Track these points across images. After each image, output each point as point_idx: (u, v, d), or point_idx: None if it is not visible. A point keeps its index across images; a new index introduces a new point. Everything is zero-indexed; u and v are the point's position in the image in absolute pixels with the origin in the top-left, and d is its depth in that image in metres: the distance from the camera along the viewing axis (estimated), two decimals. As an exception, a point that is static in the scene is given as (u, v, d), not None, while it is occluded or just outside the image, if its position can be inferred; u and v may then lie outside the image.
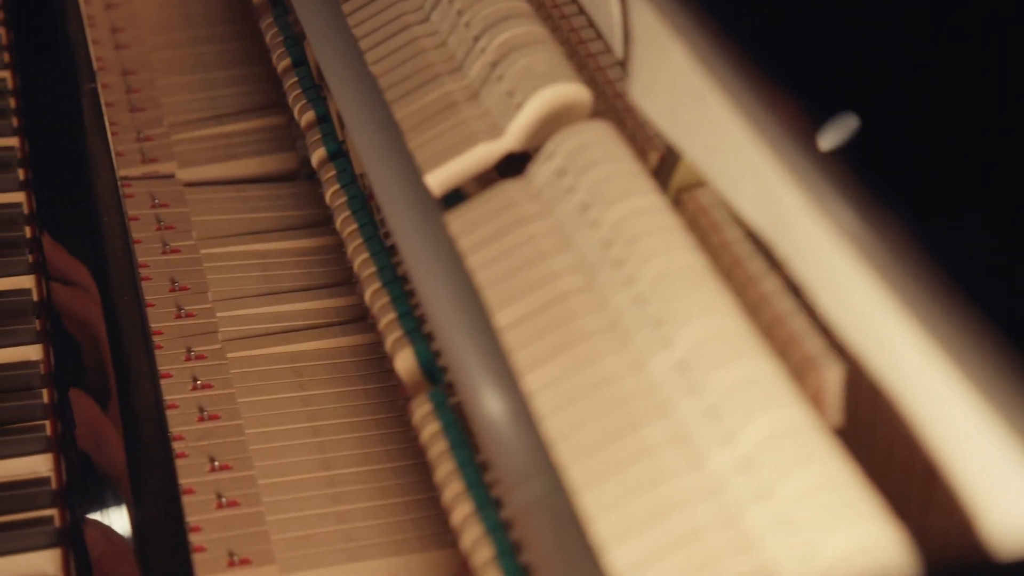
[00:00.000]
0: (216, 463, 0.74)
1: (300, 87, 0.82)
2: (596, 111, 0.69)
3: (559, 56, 0.69)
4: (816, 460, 0.50)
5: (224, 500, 0.72)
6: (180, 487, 0.70)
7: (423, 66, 0.72)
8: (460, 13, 0.72)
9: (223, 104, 0.97)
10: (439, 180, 0.68)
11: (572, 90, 0.67)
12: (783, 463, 0.50)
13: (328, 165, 0.79)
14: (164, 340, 0.80)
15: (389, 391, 0.79)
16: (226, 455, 0.74)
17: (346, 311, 0.84)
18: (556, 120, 0.67)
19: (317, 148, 0.79)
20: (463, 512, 0.61)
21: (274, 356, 0.81)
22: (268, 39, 0.86)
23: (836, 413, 0.56)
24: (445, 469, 0.63)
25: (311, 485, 0.74)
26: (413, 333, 0.69)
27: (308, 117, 0.81)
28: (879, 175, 0.51)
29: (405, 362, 0.68)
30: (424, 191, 0.67)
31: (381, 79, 0.72)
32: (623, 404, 0.55)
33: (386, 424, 0.78)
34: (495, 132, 0.67)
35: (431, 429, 0.64)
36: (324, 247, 0.89)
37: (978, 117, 0.52)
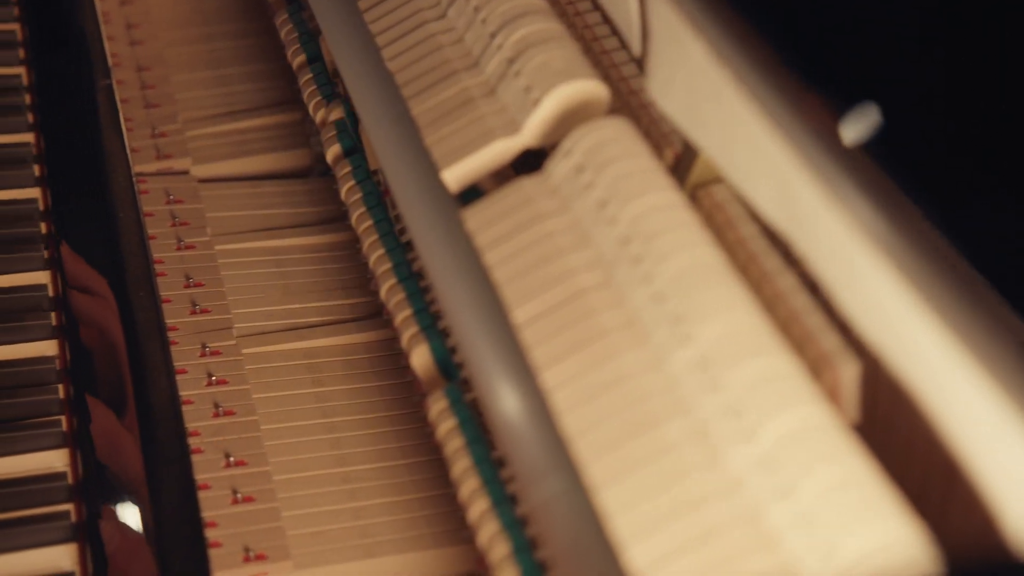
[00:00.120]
0: (231, 459, 0.74)
1: (315, 83, 0.83)
2: (611, 108, 0.69)
3: (576, 53, 0.69)
4: (836, 458, 0.50)
5: (239, 496, 0.72)
6: (196, 483, 0.70)
7: (440, 62, 0.72)
8: (477, 9, 0.72)
9: (237, 100, 0.97)
10: (456, 176, 0.68)
11: (589, 87, 0.67)
12: (803, 461, 0.50)
13: (343, 161, 0.79)
14: (179, 336, 0.80)
15: (404, 387, 0.79)
16: (241, 451, 0.74)
17: (360, 307, 0.84)
18: (573, 117, 0.67)
19: (332, 144, 0.79)
20: (480, 508, 0.61)
21: (289, 352, 0.81)
22: (283, 35, 0.86)
23: (853, 410, 0.56)
24: (461, 465, 0.63)
25: (326, 481, 0.74)
26: (429, 329, 0.69)
27: (323, 113, 0.81)
28: (900, 169, 0.51)
29: (421, 358, 0.68)
30: (441, 187, 0.67)
31: (398, 75, 0.72)
32: (641, 401, 0.55)
33: (401, 420, 0.78)
34: (512, 128, 0.67)
35: (447, 425, 0.64)
36: (338, 243, 0.89)
37: (1002, 111, 0.52)
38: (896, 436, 0.55)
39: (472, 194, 0.70)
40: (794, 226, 0.56)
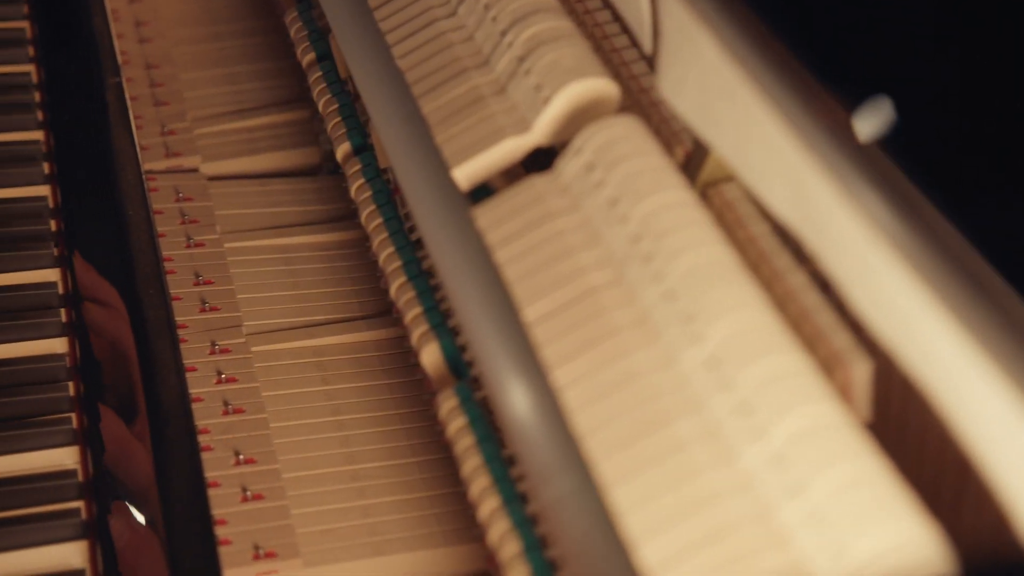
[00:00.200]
0: (241, 456, 0.74)
1: (325, 81, 0.83)
2: (621, 106, 0.69)
3: (587, 51, 0.69)
4: (848, 456, 0.50)
5: (249, 493, 0.72)
6: (206, 480, 0.70)
7: (450, 60, 0.72)
8: (487, 8, 0.72)
9: (246, 98, 0.97)
10: (466, 174, 0.68)
11: (600, 85, 0.67)
12: (815, 459, 0.50)
13: (353, 159, 0.79)
14: (189, 334, 0.80)
15: (413, 385, 0.80)
16: (251, 449, 0.74)
17: (369, 305, 0.84)
18: (584, 115, 0.67)
19: (342, 142, 0.79)
20: (490, 507, 0.61)
21: (298, 350, 0.81)
22: (292, 33, 0.86)
23: (864, 409, 0.56)
24: (471, 464, 0.63)
25: (335, 479, 0.74)
26: (438, 327, 0.69)
27: (333, 111, 0.81)
28: (915, 166, 0.50)
29: (431, 357, 0.68)
30: (451, 185, 0.67)
31: (408, 74, 0.72)
32: (653, 399, 0.55)
33: (410, 418, 0.78)
34: (523, 126, 0.67)
35: (457, 424, 0.64)
36: (347, 242, 0.89)
37: (1019, 107, 0.51)
38: (908, 434, 0.55)
39: (482, 192, 0.70)
40: (807, 224, 0.55)
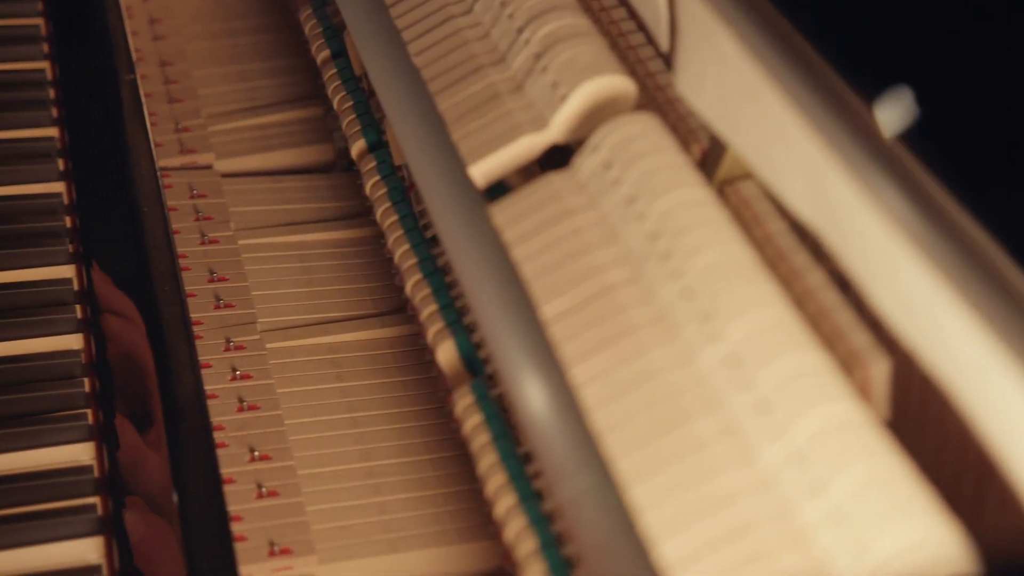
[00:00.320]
0: (256, 453, 0.74)
1: (339, 78, 0.83)
2: (637, 104, 0.68)
3: (603, 48, 0.69)
4: (869, 455, 0.50)
5: (264, 490, 0.72)
6: (221, 477, 0.70)
7: (466, 58, 0.72)
8: (503, 5, 0.72)
9: (260, 95, 0.97)
10: (483, 172, 0.68)
11: (617, 82, 0.67)
12: (835, 458, 0.50)
13: (368, 156, 0.79)
14: (203, 330, 0.80)
15: (427, 383, 0.80)
16: (266, 445, 0.75)
17: (383, 302, 0.84)
18: (600, 112, 0.67)
19: (357, 139, 0.79)
20: (506, 504, 0.61)
21: (312, 347, 0.81)
22: (307, 30, 0.86)
23: (884, 407, 0.55)
24: (488, 461, 0.63)
25: (350, 476, 0.74)
26: (454, 325, 0.69)
27: (348, 108, 0.81)
28: (937, 162, 0.50)
29: (446, 354, 0.68)
30: (468, 183, 0.67)
31: (424, 71, 0.72)
32: (672, 397, 0.55)
33: (424, 416, 0.78)
34: (539, 124, 0.67)
35: (473, 421, 0.64)
36: (361, 239, 0.89)
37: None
38: (927, 433, 0.55)
39: (498, 190, 0.70)
40: (826, 221, 0.55)
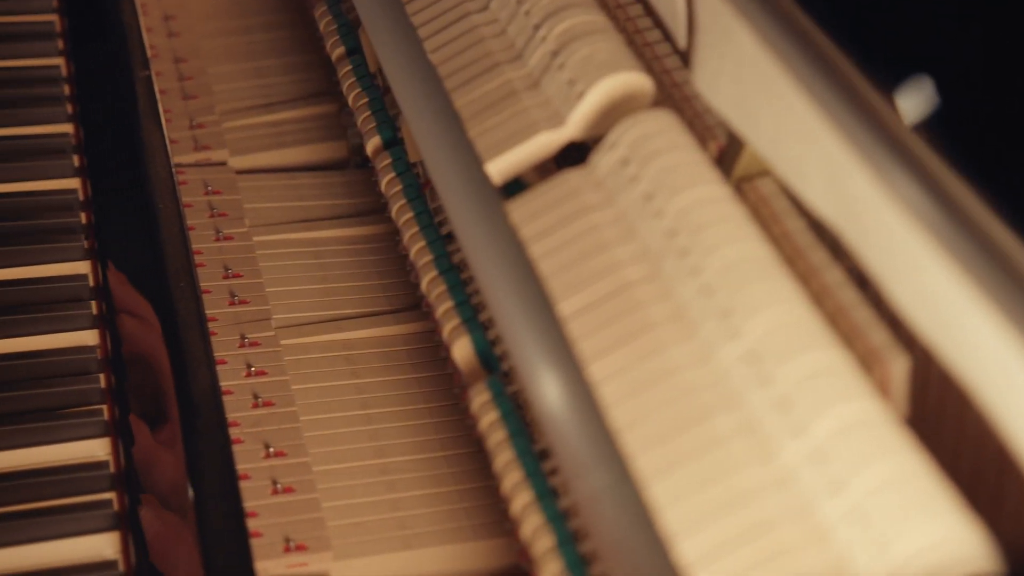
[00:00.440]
0: (271, 449, 0.74)
1: (354, 75, 0.83)
2: (654, 101, 0.68)
3: (620, 45, 0.69)
4: (889, 453, 0.50)
5: (279, 486, 0.72)
6: (237, 472, 0.71)
7: (483, 55, 0.72)
8: (520, 2, 0.72)
9: (274, 92, 0.97)
10: (500, 169, 0.68)
11: (634, 79, 0.67)
12: (855, 456, 0.50)
13: (383, 153, 0.79)
14: (218, 327, 0.80)
15: (442, 379, 0.80)
16: (281, 441, 0.75)
17: (397, 299, 0.84)
18: (617, 109, 0.67)
19: (372, 136, 0.79)
20: (523, 501, 0.61)
21: (327, 344, 0.81)
22: (322, 27, 0.86)
23: (902, 405, 0.55)
24: (504, 458, 0.63)
25: (365, 472, 0.74)
26: (470, 322, 0.69)
27: (363, 105, 0.81)
28: (959, 158, 0.50)
29: (462, 350, 0.68)
30: (485, 180, 0.67)
31: (440, 68, 0.72)
32: (690, 394, 0.55)
33: (439, 412, 0.78)
34: (556, 121, 0.67)
35: (490, 418, 0.64)
36: (375, 235, 0.89)
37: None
38: (944, 431, 0.55)
39: (514, 187, 0.70)
40: (846, 218, 0.55)
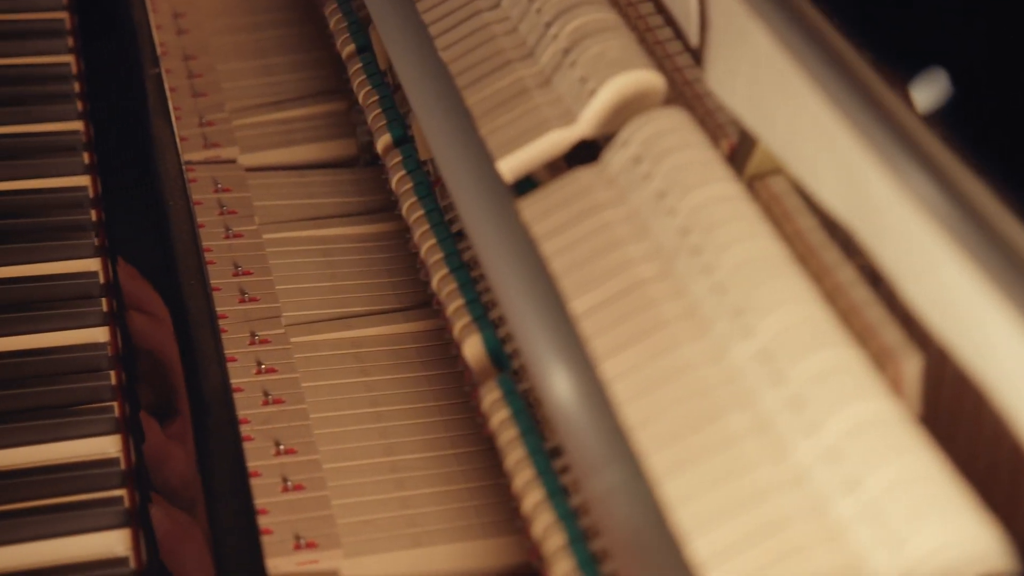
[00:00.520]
0: (281, 447, 0.74)
1: (365, 73, 0.83)
2: (665, 99, 0.68)
3: (632, 42, 0.69)
4: (904, 452, 0.50)
5: (290, 484, 0.72)
6: (247, 470, 0.71)
7: (494, 52, 0.72)
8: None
9: (283, 90, 0.97)
10: (511, 167, 0.68)
11: (646, 77, 0.67)
12: (870, 454, 0.50)
13: (393, 151, 0.79)
14: (228, 324, 0.80)
15: (451, 377, 0.80)
16: (291, 439, 0.75)
17: (407, 297, 0.84)
18: (629, 107, 0.67)
19: (382, 134, 0.79)
20: (534, 499, 0.61)
21: (336, 341, 0.81)
22: (332, 24, 0.86)
23: (916, 404, 0.55)
24: (515, 456, 0.63)
25: (375, 470, 0.74)
26: (480, 320, 0.69)
27: (373, 103, 0.81)
28: (975, 156, 0.50)
29: (473, 348, 0.68)
30: (496, 178, 0.67)
31: (451, 65, 0.72)
32: (703, 393, 0.55)
33: (448, 410, 0.78)
34: (568, 119, 0.67)
35: (501, 416, 0.64)
36: (384, 233, 0.89)
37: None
38: (958, 430, 0.55)
39: (525, 185, 0.69)
40: (860, 217, 0.55)
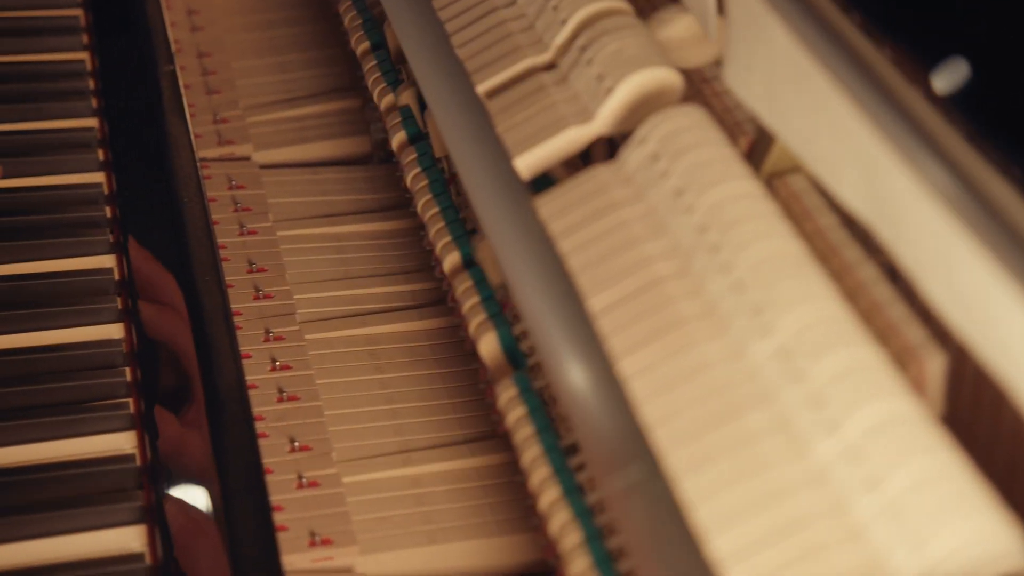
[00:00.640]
0: (296, 443, 0.74)
1: (379, 70, 0.83)
2: (683, 96, 0.68)
3: (649, 40, 0.69)
4: (925, 451, 0.50)
5: (305, 480, 0.72)
6: (262, 467, 0.71)
7: (510, 49, 0.72)
8: (548, -4, 0.72)
9: (297, 87, 0.98)
10: (528, 164, 0.67)
11: (663, 74, 0.67)
12: (891, 453, 0.50)
13: (408, 148, 0.79)
14: (243, 321, 0.80)
15: (465, 375, 0.80)
16: (306, 436, 0.75)
17: (421, 294, 0.85)
18: (646, 105, 0.67)
19: (397, 131, 0.79)
20: (551, 496, 0.61)
21: (351, 338, 0.81)
22: (346, 22, 0.86)
23: (938, 403, 0.55)
24: (532, 453, 0.63)
25: (390, 467, 0.74)
26: (496, 317, 0.69)
27: (387, 100, 0.81)
28: (998, 153, 0.49)
29: (489, 346, 0.68)
30: (513, 175, 0.67)
31: (467, 62, 0.72)
32: (722, 391, 0.54)
33: (463, 407, 0.78)
34: (585, 116, 0.67)
35: (517, 413, 0.64)
36: (398, 230, 0.89)
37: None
38: (981, 428, 0.55)
39: (542, 182, 0.69)
40: (880, 214, 0.55)
